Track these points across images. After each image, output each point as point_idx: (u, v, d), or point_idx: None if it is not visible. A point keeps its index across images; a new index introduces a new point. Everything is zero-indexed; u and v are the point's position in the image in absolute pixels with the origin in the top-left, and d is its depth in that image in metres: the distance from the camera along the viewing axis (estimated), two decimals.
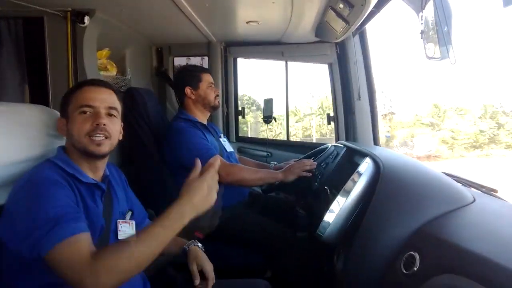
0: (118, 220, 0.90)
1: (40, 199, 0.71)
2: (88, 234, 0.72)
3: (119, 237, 0.89)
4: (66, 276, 0.67)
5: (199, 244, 1.01)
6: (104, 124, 0.84)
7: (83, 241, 0.70)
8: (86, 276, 0.65)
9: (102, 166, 0.91)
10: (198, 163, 0.82)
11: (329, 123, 2.14)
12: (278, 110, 2.15)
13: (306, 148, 2.01)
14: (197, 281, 0.91)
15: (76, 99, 0.86)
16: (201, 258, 0.95)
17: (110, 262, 0.67)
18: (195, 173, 0.80)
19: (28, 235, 0.69)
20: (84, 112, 0.84)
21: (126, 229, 0.91)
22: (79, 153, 0.85)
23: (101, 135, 0.84)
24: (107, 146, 0.86)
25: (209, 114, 1.67)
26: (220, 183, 1.38)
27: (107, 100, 0.87)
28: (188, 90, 1.59)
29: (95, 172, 0.89)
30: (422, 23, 1.15)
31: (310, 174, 1.41)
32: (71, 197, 0.77)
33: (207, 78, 1.62)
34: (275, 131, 11.91)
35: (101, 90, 0.88)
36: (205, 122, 1.64)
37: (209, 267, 0.94)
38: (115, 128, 0.88)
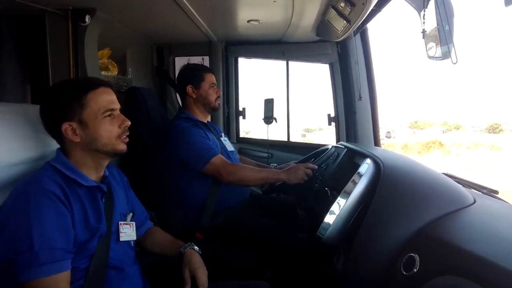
0: (120, 222, 0.90)
1: (30, 220, 0.71)
2: (67, 273, 0.74)
3: (121, 239, 0.89)
4: None
5: (196, 247, 0.99)
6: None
7: (60, 281, 0.72)
8: None
9: (106, 164, 0.92)
10: None
11: (329, 124, 2.13)
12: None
13: (306, 149, 2.00)
14: (188, 287, 0.90)
15: (96, 102, 0.84)
16: (194, 263, 0.93)
17: None
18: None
19: (9, 253, 0.70)
20: (109, 115, 0.86)
21: (127, 230, 0.91)
22: (94, 154, 0.86)
23: (126, 135, 0.89)
24: None
25: (209, 114, 1.66)
26: (221, 182, 1.39)
27: (117, 101, 0.90)
28: (189, 89, 1.57)
29: (98, 172, 0.89)
30: (423, 22, 1.14)
31: (311, 174, 1.39)
32: (64, 214, 0.76)
33: (209, 78, 1.60)
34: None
35: (111, 91, 0.89)
36: (205, 121, 1.63)
37: (201, 273, 0.92)
38: None
